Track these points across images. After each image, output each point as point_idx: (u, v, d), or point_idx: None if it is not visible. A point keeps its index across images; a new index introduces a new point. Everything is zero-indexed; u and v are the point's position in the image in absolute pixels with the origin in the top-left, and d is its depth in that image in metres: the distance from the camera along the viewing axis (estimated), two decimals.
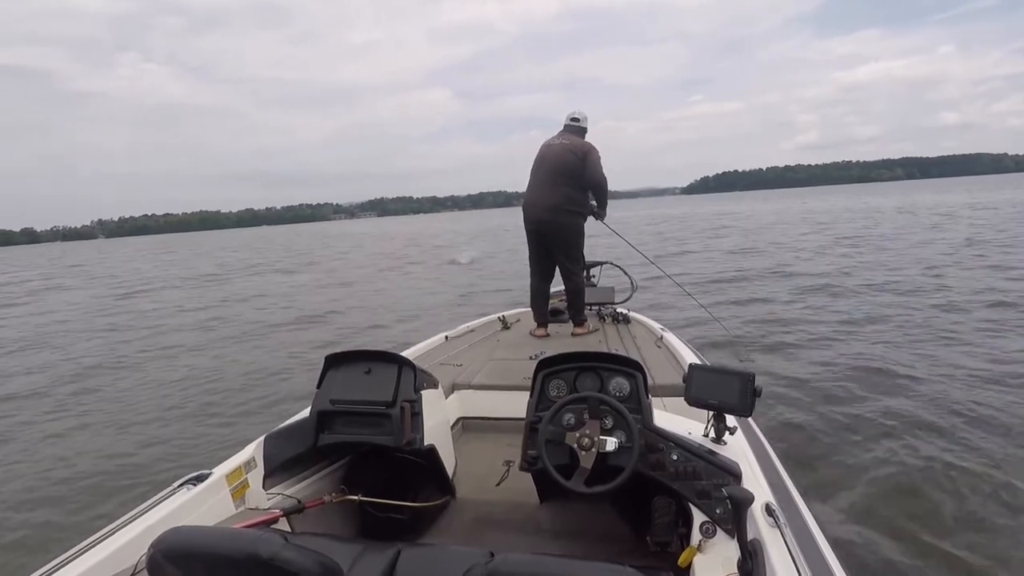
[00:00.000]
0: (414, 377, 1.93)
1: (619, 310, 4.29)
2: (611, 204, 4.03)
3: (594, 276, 4.81)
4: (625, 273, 4.85)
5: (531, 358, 3.11)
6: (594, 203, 3.99)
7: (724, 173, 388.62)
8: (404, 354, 2.07)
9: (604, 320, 4.22)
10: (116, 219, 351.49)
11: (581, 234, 3.98)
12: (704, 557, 1.35)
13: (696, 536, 1.40)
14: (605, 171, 3.82)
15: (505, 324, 4.27)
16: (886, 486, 3.06)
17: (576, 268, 3.99)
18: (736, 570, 1.22)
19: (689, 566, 1.36)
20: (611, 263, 4.96)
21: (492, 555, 1.11)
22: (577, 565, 0.87)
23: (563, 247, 3.93)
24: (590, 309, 4.43)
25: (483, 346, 3.69)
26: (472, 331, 4.12)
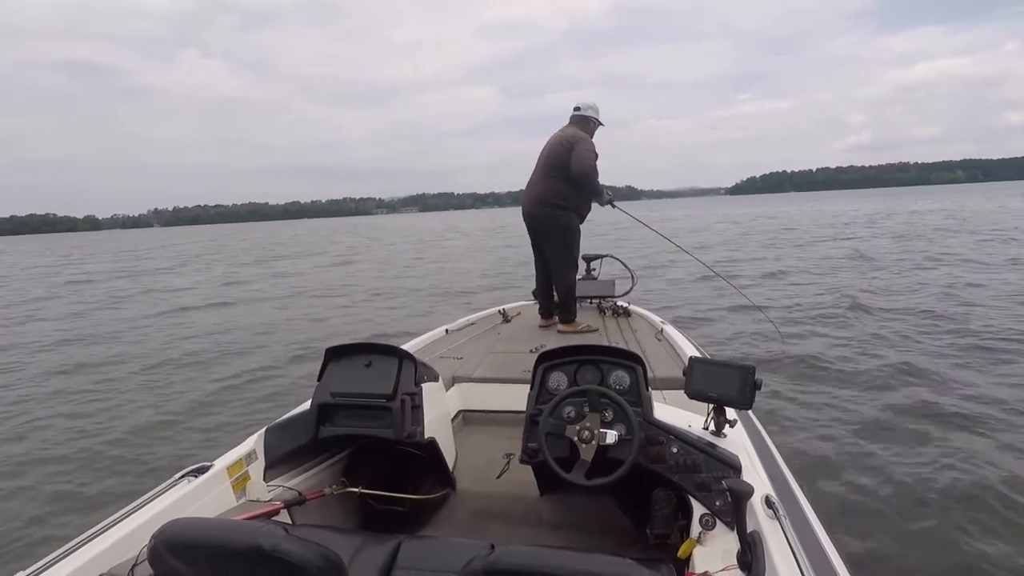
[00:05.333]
0: (414, 370, 1.93)
1: (619, 303, 4.28)
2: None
3: (595, 269, 4.80)
4: (625, 266, 4.83)
5: (531, 351, 3.10)
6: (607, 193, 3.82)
7: (772, 173, 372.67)
8: (404, 347, 2.07)
9: (604, 313, 4.22)
10: (171, 209, 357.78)
11: (570, 230, 3.79)
12: (704, 549, 1.35)
13: (696, 528, 1.40)
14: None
15: (506, 317, 4.26)
16: (885, 478, 3.07)
17: (563, 265, 3.81)
18: (735, 562, 1.22)
19: (688, 558, 1.36)
20: (612, 256, 4.94)
21: (492, 547, 1.11)
22: (577, 557, 0.87)
23: (549, 241, 3.83)
24: (591, 302, 4.42)
25: (483, 339, 3.69)
26: (472, 324, 4.12)
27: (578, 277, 4.03)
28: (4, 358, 7.42)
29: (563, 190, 3.71)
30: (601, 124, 3.89)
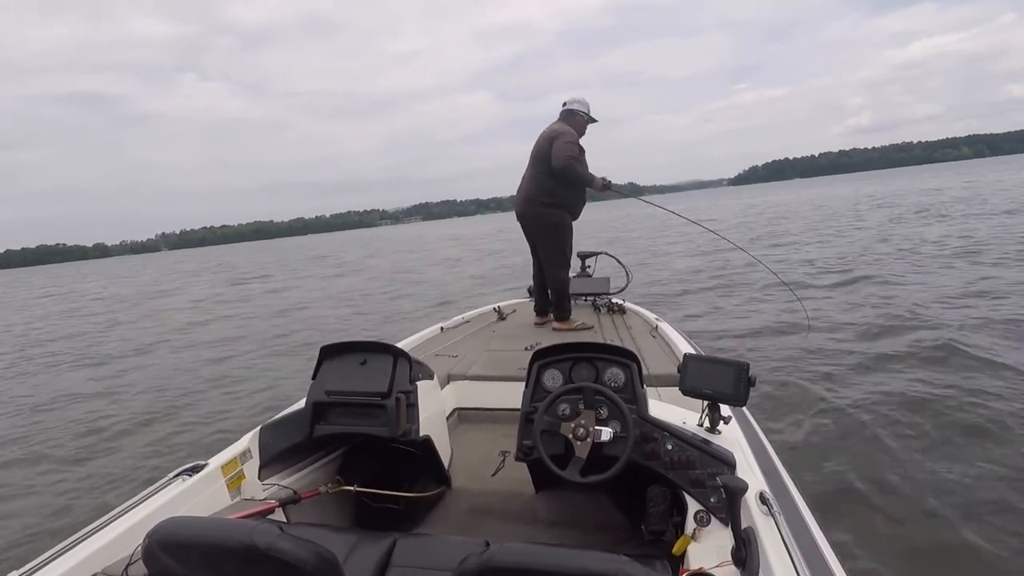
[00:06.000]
0: (409, 368, 1.93)
1: (614, 300, 4.29)
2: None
3: (589, 267, 4.81)
4: (620, 263, 4.84)
5: (526, 349, 3.11)
6: (605, 181, 3.70)
7: (774, 162, 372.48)
8: (399, 345, 2.07)
9: (599, 310, 4.23)
10: (178, 232, 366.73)
11: (560, 227, 3.76)
12: (698, 545, 1.36)
13: (690, 525, 1.40)
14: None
15: (501, 315, 4.26)
16: (879, 473, 3.08)
17: (554, 263, 3.79)
18: (730, 558, 1.23)
19: (683, 554, 1.37)
20: (607, 253, 4.95)
21: (487, 544, 1.11)
22: (572, 554, 0.87)
23: (540, 239, 3.84)
24: (585, 300, 4.43)
25: (479, 337, 3.69)
26: (467, 322, 4.12)
27: (573, 274, 4.02)
28: None
29: (549, 187, 3.70)
30: (594, 120, 3.86)
